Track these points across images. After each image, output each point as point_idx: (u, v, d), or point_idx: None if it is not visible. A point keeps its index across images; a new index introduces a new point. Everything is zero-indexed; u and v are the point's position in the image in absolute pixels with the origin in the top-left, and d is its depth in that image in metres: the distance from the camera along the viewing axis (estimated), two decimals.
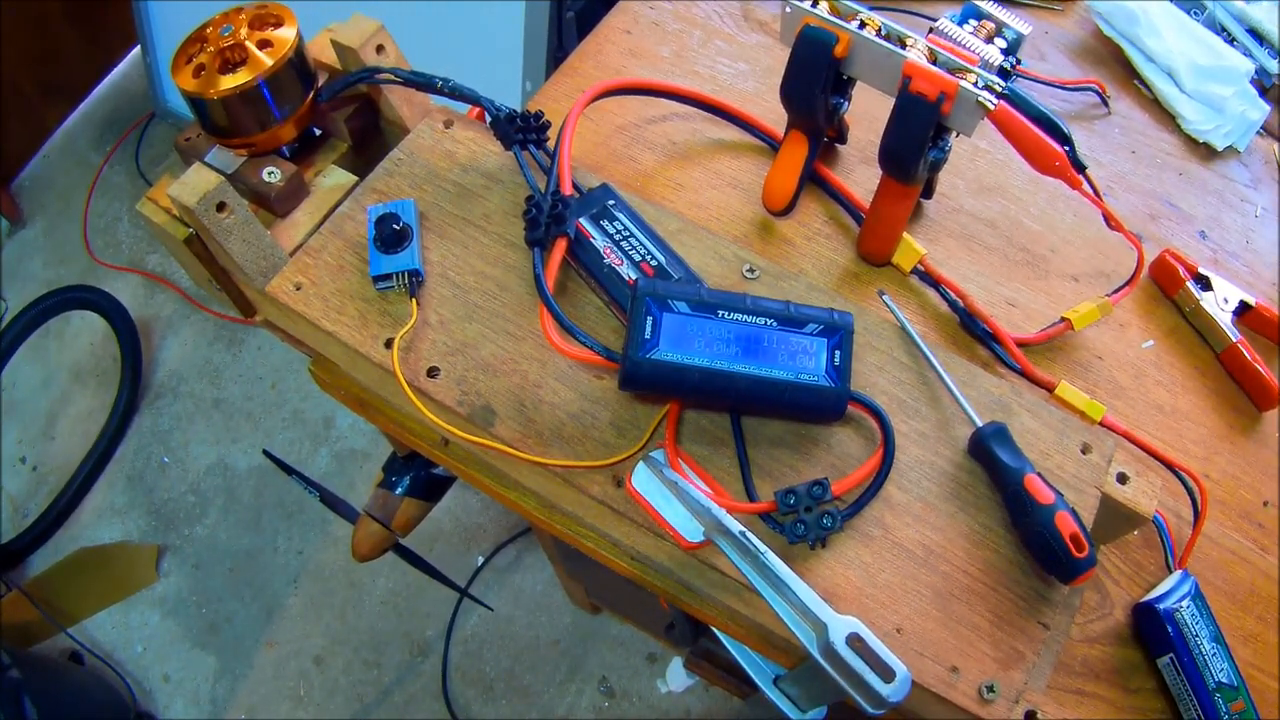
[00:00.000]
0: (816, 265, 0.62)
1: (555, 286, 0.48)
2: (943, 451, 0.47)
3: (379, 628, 1.46)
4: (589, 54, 0.73)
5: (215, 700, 1.41)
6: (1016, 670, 0.42)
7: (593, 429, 0.47)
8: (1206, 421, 0.61)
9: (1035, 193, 0.68)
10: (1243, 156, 0.75)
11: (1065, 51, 0.80)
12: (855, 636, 0.39)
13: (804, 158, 0.60)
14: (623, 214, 0.52)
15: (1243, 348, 0.61)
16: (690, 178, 0.65)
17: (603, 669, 1.41)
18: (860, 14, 0.52)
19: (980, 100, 0.48)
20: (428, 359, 0.48)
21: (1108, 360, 0.61)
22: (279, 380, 1.68)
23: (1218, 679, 0.50)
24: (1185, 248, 0.67)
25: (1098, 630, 0.53)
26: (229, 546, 1.53)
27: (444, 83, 0.54)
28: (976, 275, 0.63)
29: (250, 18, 0.54)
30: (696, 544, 0.44)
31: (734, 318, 0.45)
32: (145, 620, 1.48)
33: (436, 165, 0.55)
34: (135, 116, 1.94)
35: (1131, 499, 0.46)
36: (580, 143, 0.67)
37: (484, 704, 1.40)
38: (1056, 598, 0.44)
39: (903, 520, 0.45)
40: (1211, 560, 0.56)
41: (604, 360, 0.45)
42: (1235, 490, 0.59)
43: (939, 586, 0.44)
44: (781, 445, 0.47)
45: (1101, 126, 0.75)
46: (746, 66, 0.73)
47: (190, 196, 0.48)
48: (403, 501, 0.81)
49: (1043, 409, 0.49)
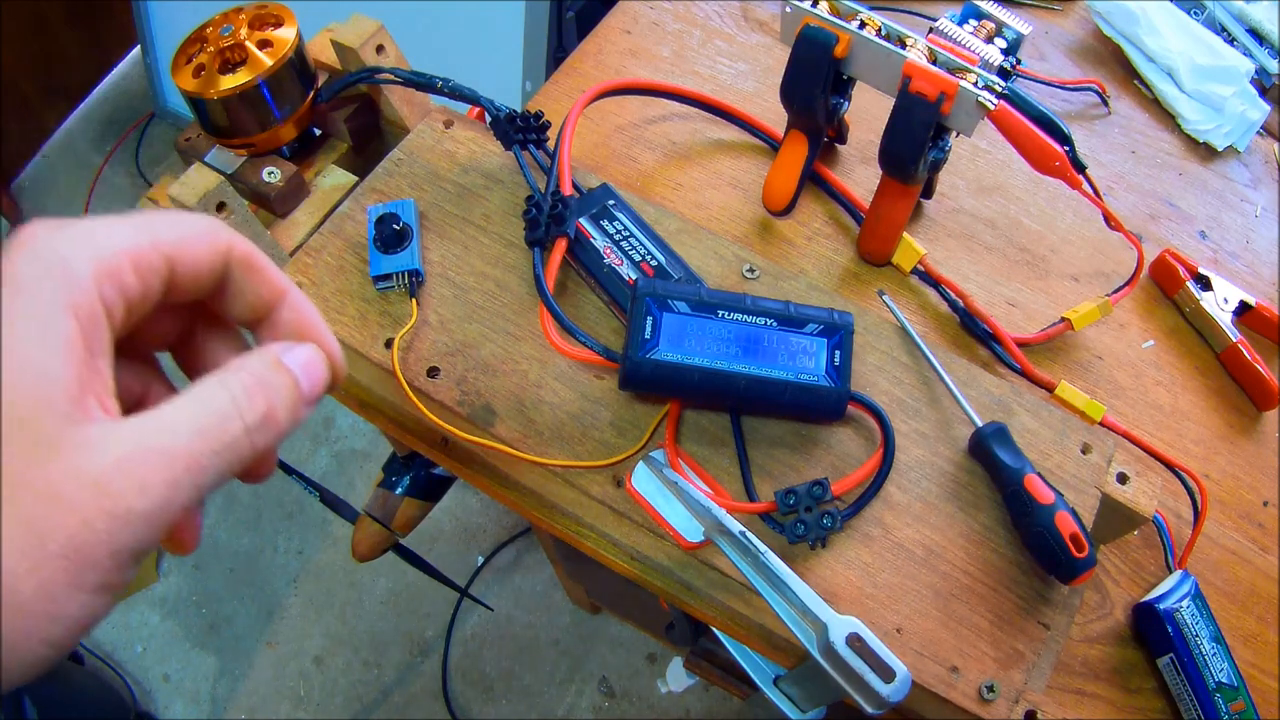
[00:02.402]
0: (816, 265, 0.62)
1: (555, 286, 0.48)
2: (943, 451, 0.47)
3: (379, 628, 1.46)
4: (589, 54, 0.73)
5: (215, 700, 1.41)
6: (1016, 670, 0.42)
7: (593, 429, 0.47)
8: (1206, 421, 0.61)
9: (1035, 193, 0.68)
10: (1243, 156, 0.75)
11: (1065, 51, 0.80)
12: (855, 636, 0.39)
13: (804, 158, 0.60)
14: (623, 214, 0.52)
15: (1243, 348, 0.61)
16: (690, 178, 0.65)
17: (603, 669, 1.41)
18: (860, 14, 0.52)
19: (980, 100, 0.48)
20: (428, 359, 0.48)
21: (1108, 360, 0.61)
22: None
23: (1218, 679, 0.50)
24: (1185, 248, 0.67)
25: (1098, 630, 0.53)
26: (229, 546, 1.53)
27: (444, 83, 0.54)
28: (976, 275, 0.63)
29: (250, 18, 0.54)
30: (696, 544, 0.44)
31: (734, 318, 0.45)
32: (145, 620, 1.48)
33: (436, 165, 0.55)
34: (135, 116, 1.94)
35: (1131, 499, 0.46)
36: (580, 143, 0.67)
37: (484, 704, 1.40)
38: (1056, 598, 0.44)
39: (903, 520, 0.45)
40: (1211, 560, 0.56)
41: (604, 360, 0.45)
42: (1235, 490, 0.59)
43: (939, 586, 0.44)
44: (781, 445, 0.47)
45: (1101, 126, 0.75)
46: (746, 66, 0.73)
47: (190, 196, 0.48)
48: (403, 501, 0.81)
49: (1043, 409, 0.49)
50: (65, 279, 0.23)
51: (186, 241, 0.25)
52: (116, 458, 0.21)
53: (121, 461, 0.21)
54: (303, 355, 0.27)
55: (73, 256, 0.23)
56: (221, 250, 0.26)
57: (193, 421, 0.23)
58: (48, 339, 0.22)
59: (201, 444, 0.23)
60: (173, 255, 0.25)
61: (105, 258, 0.24)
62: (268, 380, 0.25)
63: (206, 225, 0.26)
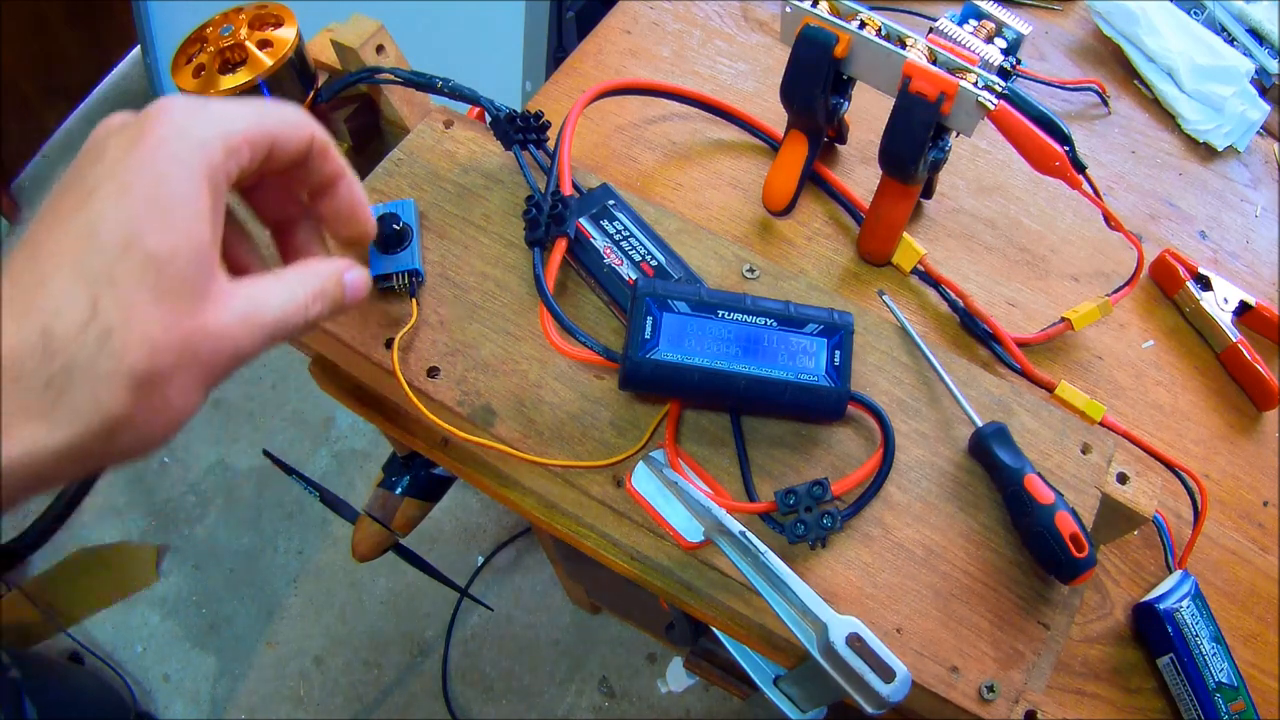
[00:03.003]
0: (816, 265, 0.62)
1: (555, 286, 0.48)
2: (943, 451, 0.47)
3: (379, 628, 1.46)
4: (589, 54, 0.73)
5: (215, 700, 1.41)
6: (1016, 670, 0.42)
7: (593, 429, 0.47)
8: (1206, 421, 0.61)
9: (1035, 193, 0.69)
10: (1243, 156, 0.75)
11: (1065, 51, 0.80)
12: (855, 636, 0.39)
13: (804, 158, 0.60)
14: (623, 214, 0.52)
15: (1243, 348, 0.61)
16: (690, 178, 0.65)
17: (603, 669, 1.41)
18: (860, 14, 0.52)
19: (980, 100, 0.48)
20: (428, 359, 0.48)
21: (1108, 360, 0.61)
22: (279, 380, 1.68)
23: (1218, 679, 0.50)
24: (1185, 248, 0.68)
25: (1098, 630, 0.53)
26: (229, 546, 1.53)
27: (444, 83, 0.54)
28: (976, 275, 0.63)
29: (250, 18, 0.54)
30: (696, 544, 0.44)
31: (734, 318, 0.45)
32: (145, 620, 1.48)
33: (436, 165, 0.55)
34: None
35: (1131, 499, 0.46)
36: (580, 143, 0.67)
37: (484, 704, 1.40)
38: (1056, 598, 0.44)
39: (903, 520, 0.45)
40: (1211, 560, 0.56)
41: (604, 360, 0.45)
42: (1235, 490, 0.59)
43: (939, 586, 0.44)
44: (781, 445, 0.47)
45: (1101, 126, 0.75)
46: (746, 66, 0.73)
47: None
48: (403, 501, 0.81)
49: (1043, 409, 0.49)
50: (204, 155, 0.29)
51: (286, 126, 0.33)
52: (238, 314, 0.30)
53: (241, 317, 0.30)
54: (356, 277, 0.36)
55: (209, 136, 0.30)
56: (307, 136, 0.34)
57: (280, 303, 0.32)
58: (197, 207, 0.29)
59: (281, 320, 0.32)
60: (276, 136, 0.32)
61: (231, 137, 0.30)
62: (328, 291, 0.35)
63: (299, 115, 0.34)
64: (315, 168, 0.35)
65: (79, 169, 0.29)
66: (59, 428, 0.27)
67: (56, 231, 0.28)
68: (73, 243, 0.28)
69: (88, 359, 0.27)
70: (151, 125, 0.29)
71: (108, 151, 0.29)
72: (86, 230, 0.28)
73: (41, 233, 0.29)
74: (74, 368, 0.27)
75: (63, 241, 0.28)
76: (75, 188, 0.29)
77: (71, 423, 0.27)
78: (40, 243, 0.28)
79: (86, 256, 0.28)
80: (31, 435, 0.27)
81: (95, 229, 0.28)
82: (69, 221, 0.28)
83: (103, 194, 0.28)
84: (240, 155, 0.31)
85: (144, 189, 0.28)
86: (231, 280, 0.31)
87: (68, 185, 0.29)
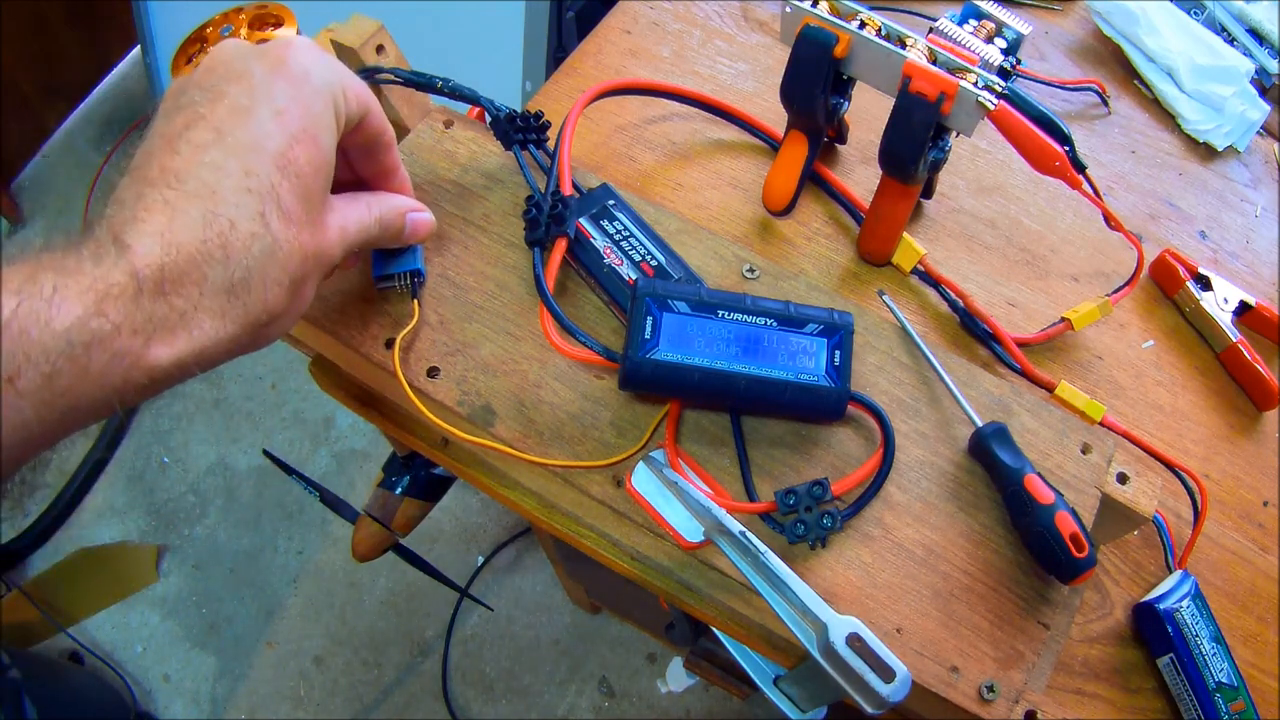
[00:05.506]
0: (816, 265, 0.62)
1: (555, 286, 0.48)
2: (943, 451, 0.47)
3: (379, 628, 1.46)
4: (589, 54, 0.73)
5: (215, 700, 1.41)
6: (1016, 670, 0.42)
7: (593, 429, 0.47)
8: (1206, 421, 0.61)
9: (1035, 193, 0.69)
10: (1243, 156, 0.76)
11: (1065, 51, 0.80)
12: (855, 636, 0.39)
13: (804, 158, 0.60)
14: (623, 214, 0.52)
15: (1243, 348, 0.61)
16: (690, 178, 0.65)
17: (603, 669, 1.41)
18: (860, 14, 0.52)
19: (980, 100, 0.48)
20: (428, 359, 0.48)
21: (1108, 360, 0.61)
22: (279, 380, 1.68)
23: (1218, 679, 0.50)
24: (1185, 248, 0.68)
25: (1098, 630, 0.53)
26: (229, 546, 1.53)
27: (444, 83, 0.54)
28: (976, 275, 0.63)
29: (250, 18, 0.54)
30: (696, 544, 0.44)
31: (734, 318, 0.45)
32: (145, 620, 1.48)
33: (436, 165, 0.55)
34: (135, 116, 1.94)
35: (1131, 499, 0.46)
36: (580, 143, 0.67)
37: (484, 704, 1.40)
38: (1056, 598, 0.44)
39: (903, 520, 0.45)
40: (1211, 560, 0.56)
41: (604, 360, 0.45)
42: (1235, 490, 0.59)
43: (939, 586, 0.44)
44: (781, 445, 0.47)
45: (1101, 126, 0.75)
46: (746, 66, 0.73)
47: None
48: (403, 501, 0.81)
49: (1043, 409, 0.49)
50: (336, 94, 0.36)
51: (377, 106, 0.40)
52: (335, 227, 0.37)
53: (338, 230, 0.37)
54: (419, 217, 0.44)
55: (340, 79, 0.36)
56: (385, 124, 0.41)
57: (356, 219, 0.39)
58: (332, 134, 0.36)
59: (358, 234, 0.39)
60: (370, 109, 0.39)
61: (352, 87, 0.37)
62: (390, 221, 0.42)
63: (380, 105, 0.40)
64: (378, 157, 0.41)
65: (217, 86, 0.33)
66: (232, 323, 0.32)
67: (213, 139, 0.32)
68: (240, 154, 0.32)
69: (260, 267, 0.32)
70: (293, 55, 0.34)
71: (252, 74, 0.33)
72: (251, 145, 0.32)
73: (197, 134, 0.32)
74: (250, 275, 0.32)
75: (227, 150, 0.32)
76: (221, 101, 0.32)
77: (241, 319, 0.33)
78: (199, 145, 0.32)
79: (254, 169, 0.32)
80: (213, 329, 0.32)
81: (260, 144, 0.32)
82: (229, 134, 0.32)
83: (260, 113, 0.32)
84: (352, 106, 0.37)
85: (298, 113, 0.33)
86: (331, 198, 0.37)
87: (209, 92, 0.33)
